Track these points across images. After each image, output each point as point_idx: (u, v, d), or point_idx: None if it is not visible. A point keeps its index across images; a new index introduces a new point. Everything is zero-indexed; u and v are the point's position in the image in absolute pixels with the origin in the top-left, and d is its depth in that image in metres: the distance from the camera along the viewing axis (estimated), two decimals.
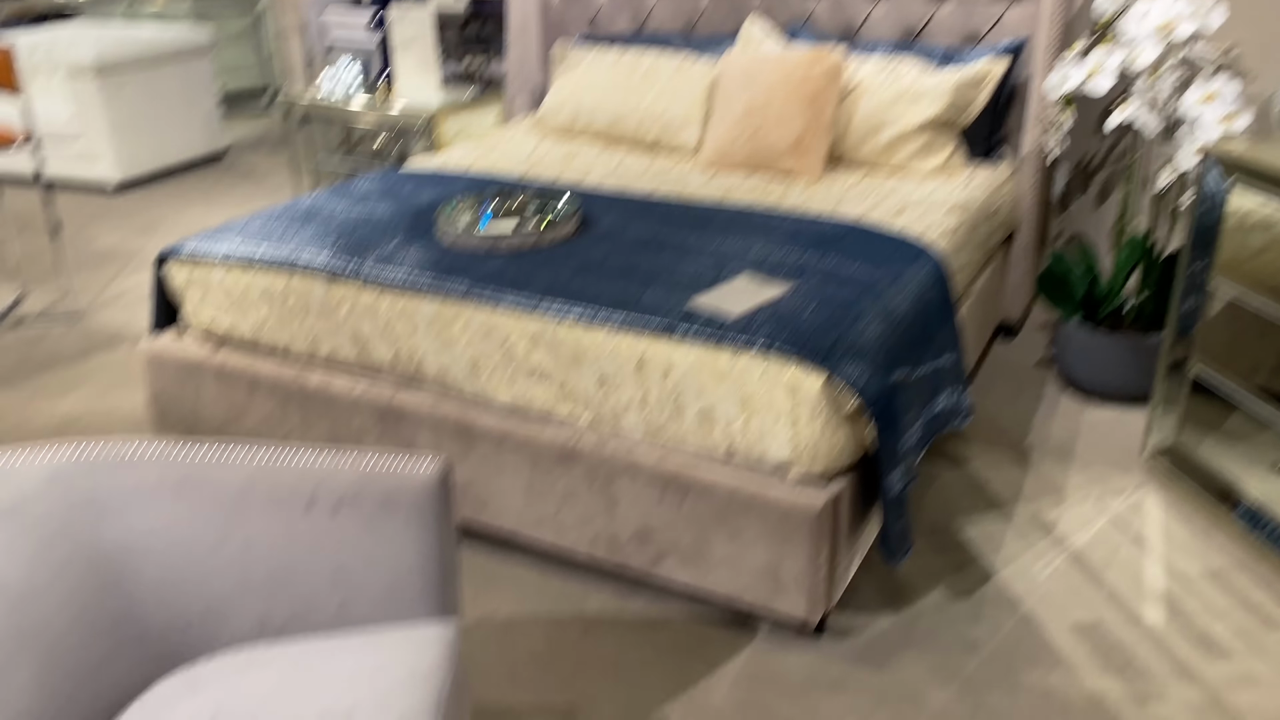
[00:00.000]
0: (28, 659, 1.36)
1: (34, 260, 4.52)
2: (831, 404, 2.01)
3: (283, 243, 2.61)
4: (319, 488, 1.54)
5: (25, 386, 3.37)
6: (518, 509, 2.37)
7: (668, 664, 2.11)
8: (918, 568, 2.40)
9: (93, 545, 1.48)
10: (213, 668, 1.51)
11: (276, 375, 2.58)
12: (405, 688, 1.43)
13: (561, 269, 2.39)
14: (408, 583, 1.58)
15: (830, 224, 2.68)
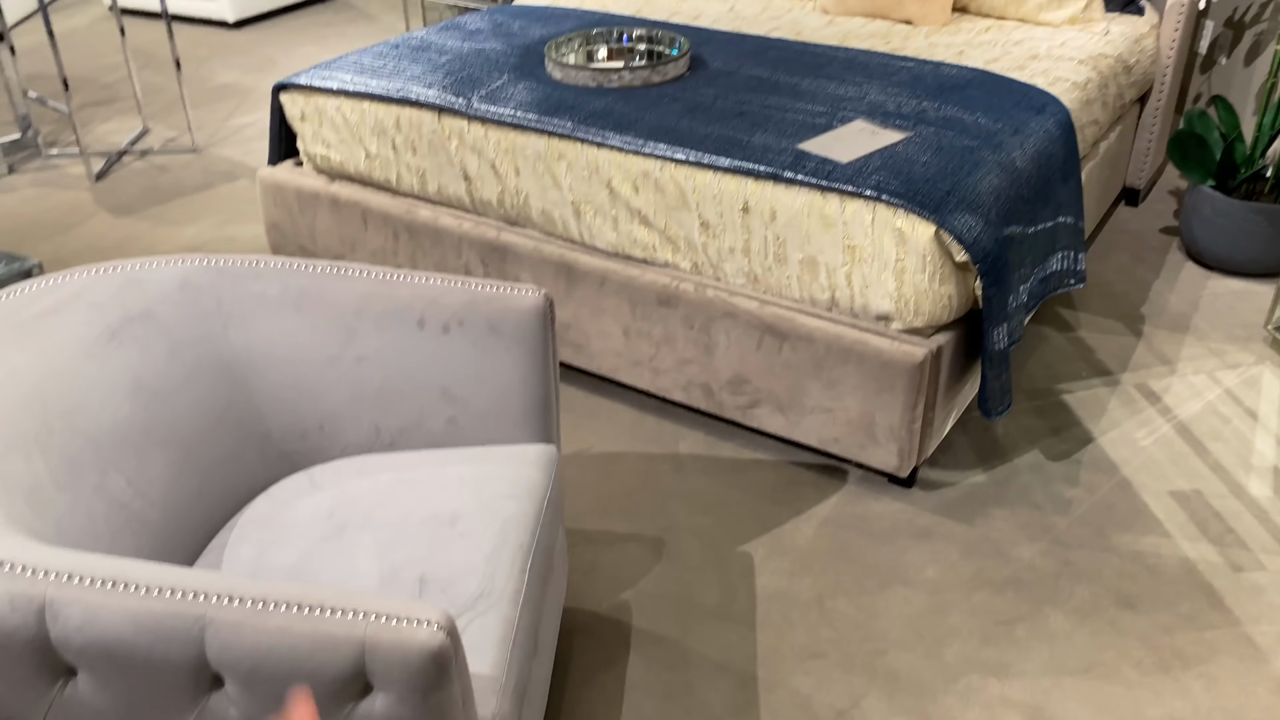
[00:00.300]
0: (164, 450, 1.47)
1: (155, 94, 4.64)
2: (940, 255, 1.97)
3: (394, 77, 2.62)
4: (429, 308, 1.59)
5: (150, 214, 3.51)
6: (616, 350, 2.41)
7: (755, 505, 2.16)
8: (1015, 428, 2.38)
9: (220, 351, 1.57)
10: (330, 470, 1.61)
11: (387, 208, 2.63)
12: (508, 498, 1.51)
13: (670, 110, 2.36)
14: (511, 404, 1.63)
15: (953, 71, 2.56)
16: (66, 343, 1.41)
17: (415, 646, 0.99)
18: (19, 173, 3.85)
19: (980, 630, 1.86)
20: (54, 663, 1.03)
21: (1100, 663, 1.80)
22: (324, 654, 0.99)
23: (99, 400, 1.40)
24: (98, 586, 1.00)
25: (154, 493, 1.43)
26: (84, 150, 3.71)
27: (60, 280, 1.48)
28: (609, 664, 1.80)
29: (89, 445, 1.36)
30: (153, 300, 1.52)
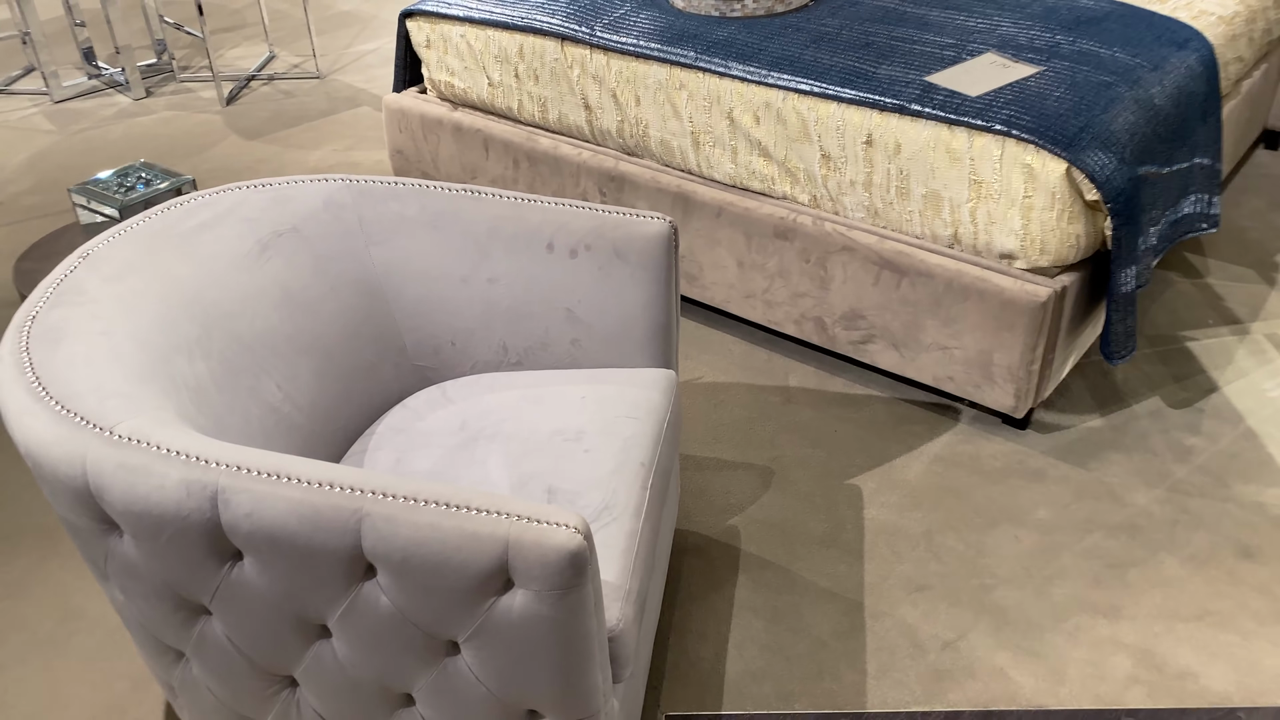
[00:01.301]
0: (309, 359, 1.55)
1: (280, 21, 4.76)
2: (1070, 194, 1.93)
3: (518, 5, 2.64)
4: (558, 232, 1.64)
5: (278, 138, 3.63)
6: (729, 282, 2.43)
7: (865, 439, 2.17)
8: (1136, 374, 2.33)
9: (361, 267, 1.64)
10: (461, 385, 1.68)
11: (509, 135, 2.68)
12: (629, 419, 1.56)
13: (793, 40, 2.33)
14: (633, 329, 1.68)
15: (1089, 3, 2.47)
16: (221, 254, 1.50)
17: (555, 546, 1.04)
18: (155, 95, 4.01)
19: (1091, 572, 1.85)
20: (223, 546, 1.12)
21: (1215, 611, 1.78)
22: (470, 549, 1.05)
23: (251, 309, 1.49)
24: (264, 477, 1.08)
25: (301, 398, 1.52)
26: (216, 75, 3.84)
27: (215, 196, 1.56)
28: (718, 584, 1.86)
29: (244, 351, 1.46)
30: (300, 217, 1.59)
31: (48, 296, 1.32)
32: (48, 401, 1.16)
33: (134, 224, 1.47)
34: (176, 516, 1.09)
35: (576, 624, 1.10)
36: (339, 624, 1.15)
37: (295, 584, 1.12)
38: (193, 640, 1.25)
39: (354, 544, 1.07)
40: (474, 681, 1.16)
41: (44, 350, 1.23)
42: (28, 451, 1.15)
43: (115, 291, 1.35)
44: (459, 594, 1.08)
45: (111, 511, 1.13)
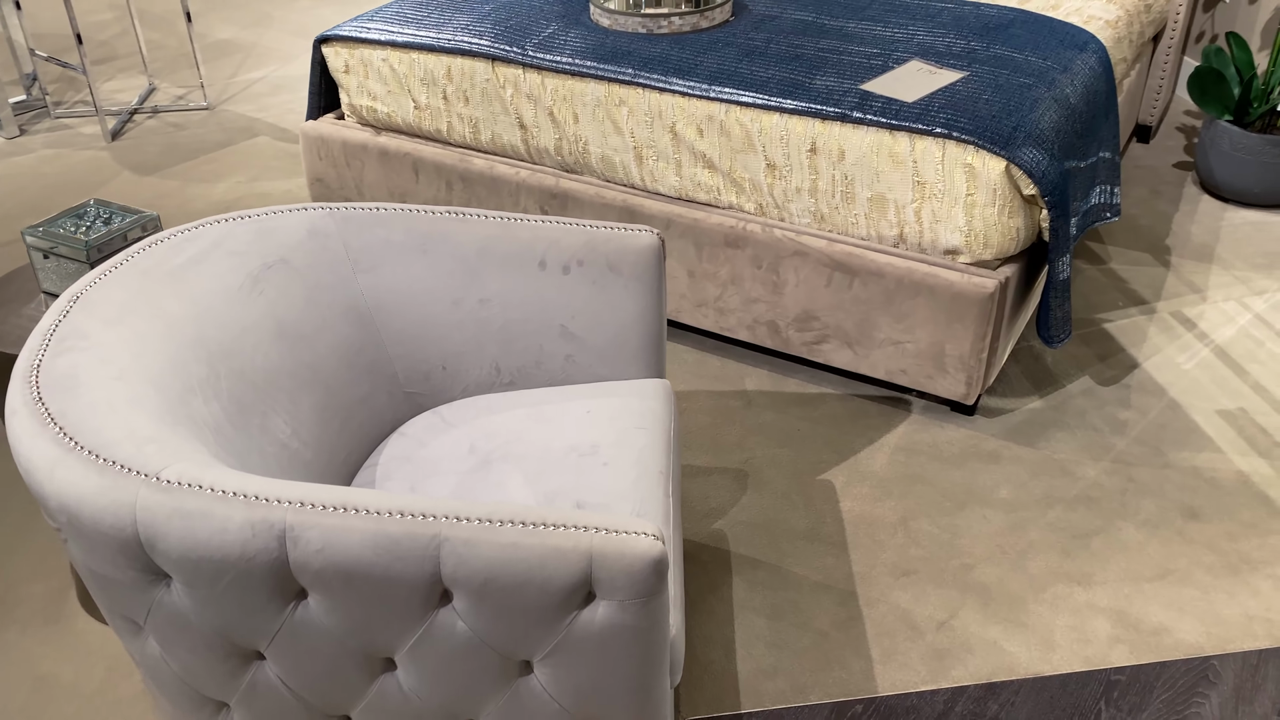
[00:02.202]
0: (309, 392, 1.51)
1: (154, 51, 4.57)
2: (1010, 189, 2.05)
3: (442, 27, 2.63)
4: (550, 249, 1.64)
5: (176, 172, 3.49)
6: (680, 292, 2.47)
7: (828, 435, 2.25)
8: (1063, 356, 2.48)
9: (351, 295, 1.61)
10: (458, 408, 1.66)
11: (440, 158, 2.66)
12: (639, 429, 1.57)
13: (726, 54, 2.40)
14: (627, 341, 1.70)
15: (993, 12, 2.62)
16: (214, 290, 1.45)
17: (638, 555, 1.06)
18: (30, 133, 3.80)
19: (1059, 544, 1.97)
20: (288, 586, 1.08)
21: (1174, 569, 1.91)
22: (553, 565, 1.05)
23: (251, 344, 1.44)
24: (333, 511, 1.05)
25: (306, 433, 1.48)
26: (99, 109, 3.66)
27: (196, 230, 1.51)
28: (714, 587, 1.89)
29: (250, 389, 1.41)
30: (286, 248, 1.55)
31: (47, 343, 1.25)
32: (81, 453, 1.10)
33: (118, 264, 1.40)
34: (241, 559, 1.05)
35: (655, 631, 1.11)
36: (409, 655, 1.13)
37: (366, 618, 1.09)
38: (241, 689, 1.20)
39: (433, 571, 1.06)
40: (547, 700, 1.16)
41: (61, 399, 1.16)
42: (63, 506, 1.09)
43: (119, 335, 1.29)
44: (540, 612, 1.08)
45: (164, 561, 1.08)
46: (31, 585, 1.92)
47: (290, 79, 4.26)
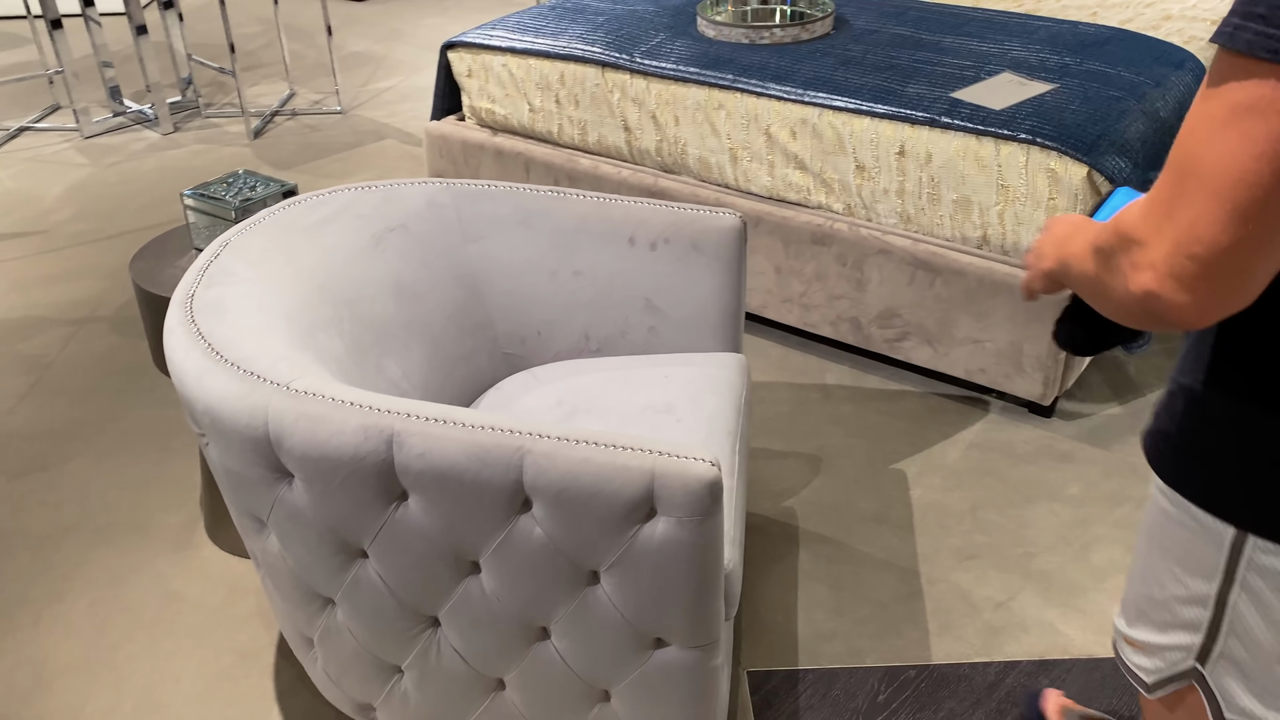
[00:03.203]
0: (419, 343, 1.69)
1: (295, 60, 4.92)
2: (1091, 194, 2.11)
3: (558, 35, 2.82)
4: (639, 228, 1.79)
5: (309, 169, 3.78)
6: (766, 288, 2.59)
7: (904, 428, 2.33)
8: (1146, 367, 2.51)
9: (460, 261, 1.78)
10: (550, 370, 1.82)
11: (550, 157, 2.84)
12: (711, 394, 1.70)
13: (822, 63, 2.52)
14: (707, 316, 1.83)
15: (1090, 30, 2.68)
16: (342, 247, 1.64)
17: (696, 476, 1.18)
18: (182, 130, 4.15)
19: (1124, 539, 2.01)
20: (392, 487, 1.24)
21: None
22: (619, 480, 1.19)
23: (371, 295, 1.63)
24: (435, 422, 1.21)
25: (415, 378, 1.66)
26: (245, 110, 3.99)
27: (329, 195, 1.70)
28: (781, 557, 1.99)
29: (368, 333, 1.59)
30: (407, 215, 1.74)
31: (200, 277, 1.45)
32: (225, 364, 1.28)
33: (261, 219, 1.60)
34: (353, 459, 1.22)
35: (710, 549, 1.23)
36: (491, 558, 1.28)
37: (457, 520, 1.24)
38: (345, 584, 1.36)
39: (516, 479, 1.20)
40: (611, 609, 1.29)
41: (210, 322, 1.36)
42: (208, 408, 1.28)
43: (259, 274, 1.48)
44: (607, 523, 1.21)
45: (288, 459, 1.25)
46: (166, 516, 2.15)
47: (417, 88, 4.54)
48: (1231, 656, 0.95)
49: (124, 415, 2.46)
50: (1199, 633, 0.97)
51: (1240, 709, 0.97)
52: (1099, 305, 0.84)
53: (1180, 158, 0.72)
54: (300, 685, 1.77)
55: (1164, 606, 0.99)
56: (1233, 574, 0.92)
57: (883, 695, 1.71)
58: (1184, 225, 0.71)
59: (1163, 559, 0.98)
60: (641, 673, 1.35)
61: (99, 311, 2.89)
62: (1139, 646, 1.05)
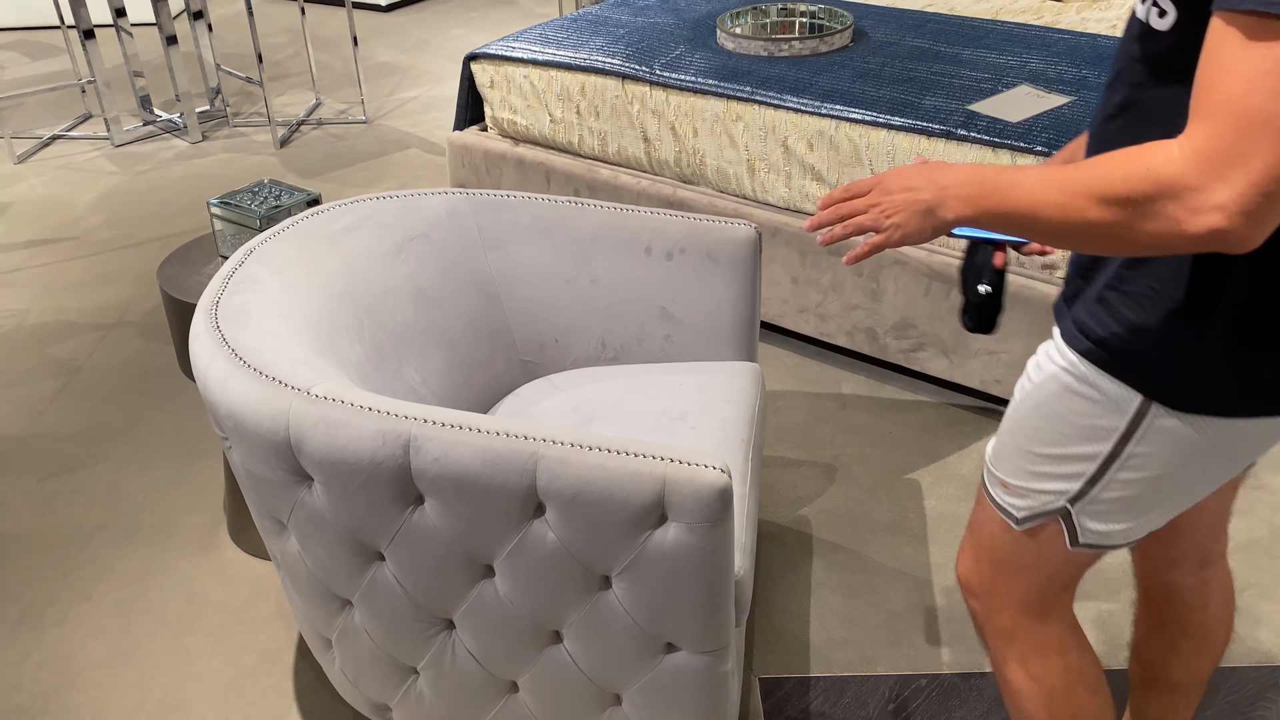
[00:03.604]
0: (439, 350, 1.72)
1: (321, 71, 4.99)
2: None
3: (579, 48, 2.86)
4: (656, 237, 1.81)
5: (334, 177, 3.83)
6: (783, 298, 2.61)
7: (919, 438, 2.34)
8: None
9: (479, 269, 1.81)
10: (566, 377, 1.84)
11: (570, 167, 2.88)
12: (725, 402, 1.72)
13: (840, 75, 2.54)
14: (722, 325, 1.85)
15: (1109, 42, 2.69)
16: (363, 254, 1.67)
17: (707, 483, 1.20)
18: (210, 139, 4.22)
19: None
20: (409, 490, 1.27)
21: (1255, 584, 1.93)
22: (631, 486, 1.21)
23: (392, 302, 1.66)
24: (450, 428, 1.24)
25: (434, 384, 1.69)
26: (272, 119, 4.05)
27: (352, 205, 1.74)
28: (794, 565, 2.01)
29: (388, 339, 1.62)
30: (427, 224, 1.77)
31: (226, 284, 1.48)
32: (248, 369, 1.32)
33: (286, 227, 1.64)
34: (371, 463, 1.25)
35: (720, 555, 1.25)
36: (506, 562, 1.30)
37: (472, 524, 1.27)
38: (363, 586, 1.39)
39: (530, 484, 1.23)
40: (622, 614, 1.31)
41: (235, 328, 1.39)
42: (230, 412, 1.31)
43: (283, 282, 1.52)
44: (619, 528, 1.23)
45: (308, 463, 1.28)
46: (189, 517, 2.19)
47: (441, 99, 4.59)
48: (1099, 499, 1.08)
49: (151, 418, 2.51)
50: (1078, 481, 1.08)
51: (1096, 533, 1.11)
52: (1103, 246, 0.90)
53: (1239, 109, 0.79)
54: (319, 685, 1.80)
55: (1047, 461, 1.10)
56: (1130, 435, 1.03)
57: (894, 704, 1.72)
58: (1260, 169, 0.79)
59: (1055, 425, 1.08)
60: (652, 677, 1.37)
61: (127, 317, 2.95)
62: (1012, 489, 1.15)
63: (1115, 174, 0.86)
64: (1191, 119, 0.83)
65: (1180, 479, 1.05)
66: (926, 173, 1.03)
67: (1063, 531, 1.13)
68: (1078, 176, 0.90)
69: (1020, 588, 1.19)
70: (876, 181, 1.07)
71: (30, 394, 2.62)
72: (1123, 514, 1.08)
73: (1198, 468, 1.04)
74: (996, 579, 1.22)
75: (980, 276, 1.21)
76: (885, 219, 1.05)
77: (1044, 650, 1.21)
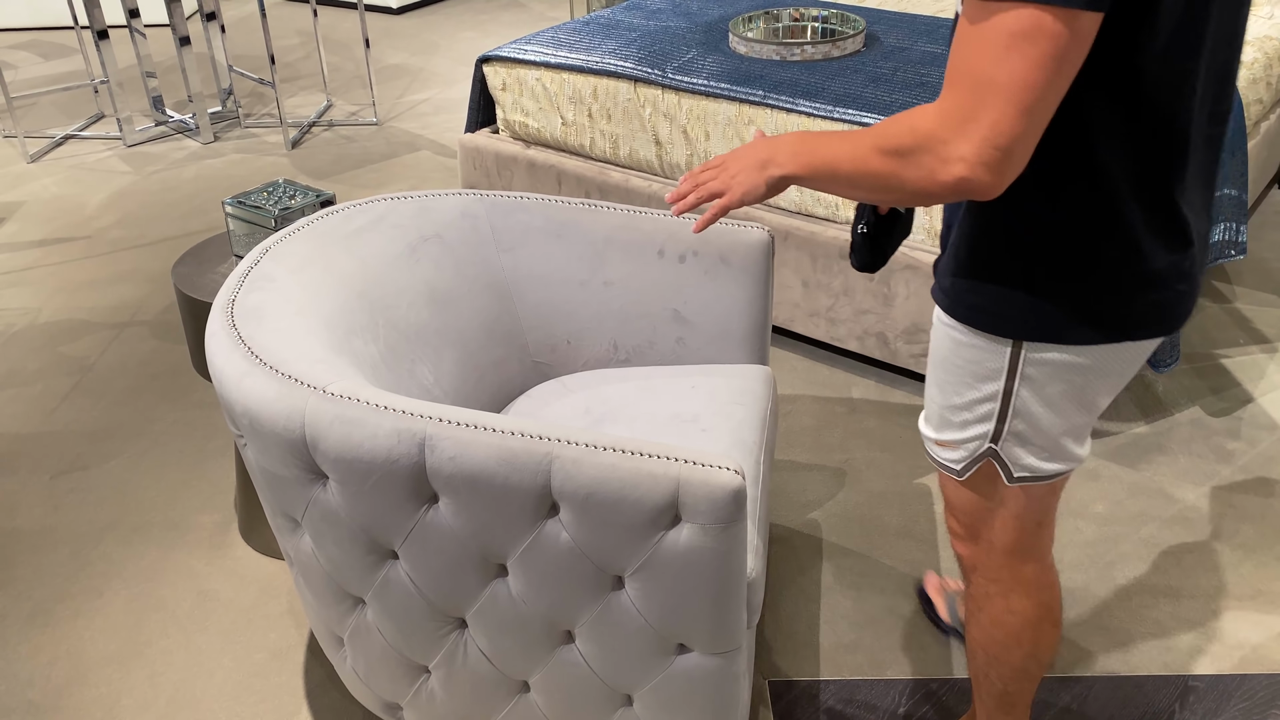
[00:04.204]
0: (452, 350, 1.73)
1: (332, 73, 5.01)
2: None
3: (591, 51, 2.86)
4: (669, 240, 1.82)
5: (344, 179, 3.84)
6: (794, 302, 2.61)
7: None
8: (1175, 386, 2.50)
9: (493, 271, 1.82)
10: (578, 378, 1.85)
11: (581, 170, 2.88)
12: (737, 405, 1.72)
13: (852, 80, 2.54)
14: (734, 328, 1.85)
15: None
16: (378, 255, 1.68)
17: (720, 484, 1.21)
18: (222, 140, 4.24)
19: (1149, 558, 2.01)
20: (423, 489, 1.28)
21: (1266, 591, 1.93)
22: (645, 487, 1.21)
23: (406, 302, 1.66)
24: (466, 427, 1.24)
25: (447, 383, 1.69)
26: (283, 120, 4.07)
27: (367, 205, 1.75)
28: (804, 569, 2.01)
29: (402, 339, 1.63)
30: (441, 225, 1.78)
31: (242, 283, 1.49)
32: (264, 367, 1.32)
33: (300, 227, 1.65)
34: (386, 461, 1.25)
35: (732, 557, 1.26)
36: (519, 561, 1.30)
37: (486, 523, 1.27)
38: (376, 584, 1.40)
39: (544, 483, 1.23)
40: (635, 614, 1.32)
41: (251, 326, 1.40)
42: (246, 410, 1.32)
43: (299, 281, 1.52)
44: (633, 528, 1.24)
45: (323, 460, 1.29)
46: (201, 516, 2.20)
47: (451, 101, 4.61)
48: (1015, 432, 1.23)
49: (162, 417, 2.52)
50: (992, 421, 1.24)
51: (1025, 466, 1.25)
52: (885, 195, 1.05)
53: (973, 75, 0.95)
54: (329, 684, 1.80)
55: (963, 410, 1.25)
56: (1014, 371, 1.18)
57: (904, 708, 1.72)
58: (988, 125, 0.95)
59: (958, 375, 1.24)
60: (664, 678, 1.37)
61: (140, 315, 2.96)
62: (947, 445, 1.30)
63: (891, 129, 1.02)
64: (944, 85, 0.98)
65: (1072, 401, 1.20)
66: (764, 141, 1.17)
67: (999, 471, 1.27)
68: (867, 133, 1.05)
69: (995, 532, 1.33)
70: (724, 157, 1.22)
71: (43, 392, 2.63)
72: (1041, 441, 1.23)
73: (1083, 390, 1.19)
74: (976, 529, 1.35)
75: (861, 219, 1.36)
76: (729, 179, 1.18)
77: (1025, 588, 1.36)
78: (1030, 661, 1.40)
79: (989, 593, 1.38)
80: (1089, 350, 1.15)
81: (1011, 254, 1.13)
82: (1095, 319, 1.13)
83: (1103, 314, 1.12)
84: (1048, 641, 1.39)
